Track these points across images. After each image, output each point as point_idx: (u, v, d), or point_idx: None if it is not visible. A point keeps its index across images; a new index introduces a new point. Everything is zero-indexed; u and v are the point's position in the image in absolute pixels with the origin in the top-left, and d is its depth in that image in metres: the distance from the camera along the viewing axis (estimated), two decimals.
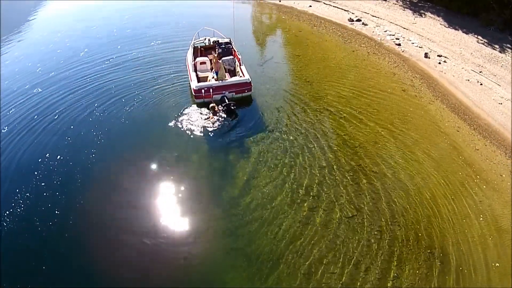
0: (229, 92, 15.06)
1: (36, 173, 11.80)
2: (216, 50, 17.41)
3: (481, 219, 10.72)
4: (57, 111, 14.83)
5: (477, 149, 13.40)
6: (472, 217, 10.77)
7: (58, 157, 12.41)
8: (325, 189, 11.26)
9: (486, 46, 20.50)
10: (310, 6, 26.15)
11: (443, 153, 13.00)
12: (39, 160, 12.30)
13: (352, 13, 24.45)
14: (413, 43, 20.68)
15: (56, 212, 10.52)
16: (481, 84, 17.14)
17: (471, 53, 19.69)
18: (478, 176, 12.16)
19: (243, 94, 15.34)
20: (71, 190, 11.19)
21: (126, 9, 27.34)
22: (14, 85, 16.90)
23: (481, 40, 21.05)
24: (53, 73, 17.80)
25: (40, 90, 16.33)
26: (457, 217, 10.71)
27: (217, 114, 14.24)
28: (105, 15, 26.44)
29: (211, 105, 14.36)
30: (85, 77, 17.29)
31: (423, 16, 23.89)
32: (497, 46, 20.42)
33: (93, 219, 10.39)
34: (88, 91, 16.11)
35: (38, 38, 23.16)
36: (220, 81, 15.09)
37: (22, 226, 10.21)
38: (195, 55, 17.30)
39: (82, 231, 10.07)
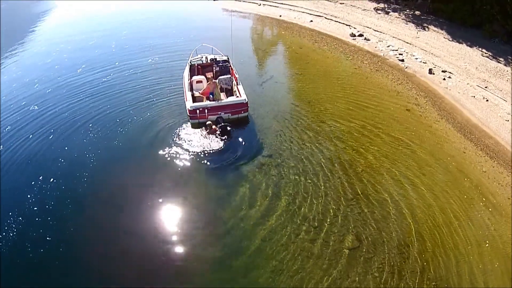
0: (224, 113, 14.76)
1: (29, 196, 11.60)
2: (214, 68, 17.19)
3: (487, 245, 10.33)
4: (52, 130, 14.71)
5: (484, 171, 12.98)
6: (478, 244, 10.34)
7: (51, 179, 12.21)
8: (327, 219, 10.86)
9: (491, 59, 20.19)
10: (311, 21, 25.98)
11: (449, 177, 12.57)
12: (32, 183, 12.09)
13: (354, 28, 24.22)
14: (416, 59, 20.35)
15: (48, 238, 10.30)
16: (487, 100, 16.75)
17: (476, 68, 19.34)
18: (485, 200, 11.74)
19: (239, 115, 15.00)
20: (62, 216, 10.96)
21: (125, 22, 27.64)
22: (11, 101, 16.93)
23: (485, 53, 20.74)
24: (49, 89, 17.78)
25: (36, 107, 16.28)
26: (463, 245, 10.30)
27: (215, 133, 13.94)
28: (105, 27, 26.64)
29: (208, 122, 14.09)
30: (82, 95, 17.20)
31: (426, 29, 23.60)
32: (502, 59, 20.11)
33: (83, 248, 10.13)
34: (83, 110, 15.98)
35: (37, 51, 23.29)
36: (216, 102, 14.77)
37: (13, 250, 10.02)
38: (191, 73, 17.00)
39: (72, 259, 9.83)
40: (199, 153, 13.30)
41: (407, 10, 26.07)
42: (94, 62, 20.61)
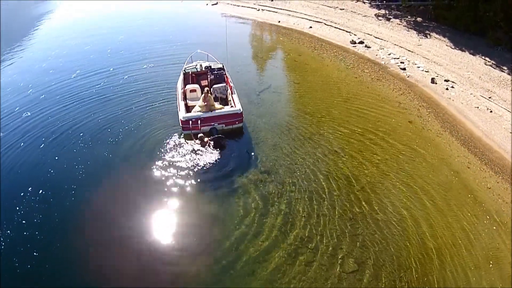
0: (218, 124, 14.19)
1: (17, 208, 11.28)
2: (208, 76, 16.66)
3: (490, 265, 9.84)
4: (43, 138, 14.45)
5: (489, 188, 12.45)
6: (481, 267, 9.84)
7: (40, 191, 11.89)
8: (324, 241, 10.32)
9: (494, 68, 19.70)
10: (311, 27, 25.52)
11: (453, 194, 12.04)
12: (21, 194, 11.78)
13: (355, 35, 23.73)
14: (418, 67, 19.85)
15: (35, 253, 9.96)
16: (491, 112, 16.25)
17: (480, 77, 18.83)
18: (490, 218, 11.23)
19: (234, 126, 14.43)
20: (50, 230, 10.63)
21: (122, 26, 27.46)
22: (4, 105, 16.81)
23: (489, 61, 20.24)
24: (43, 95, 17.58)
25: (29, 113, 16.09)
26: (466, 267, 9.80)
27: (205, 146, 13.46)
28: (101, 31, 26.50)
29: (200, 135, 13.59)
30: (74, 102, 16.96)
31: (428, 36, 23.11)
32: (505, 68, 19.62)
33: (71, 262, 9.82)
34: (75, 118, 15.66)
35: (33, 55, 23.25)
36: (209, 112, 14.21)
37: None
38: (185, 82, 16.46)
39: (59, 275, 9.50)
40: (191, 167, 12.80)
41: (409, 17, 25.58)
42: (88, 68, 20.40)
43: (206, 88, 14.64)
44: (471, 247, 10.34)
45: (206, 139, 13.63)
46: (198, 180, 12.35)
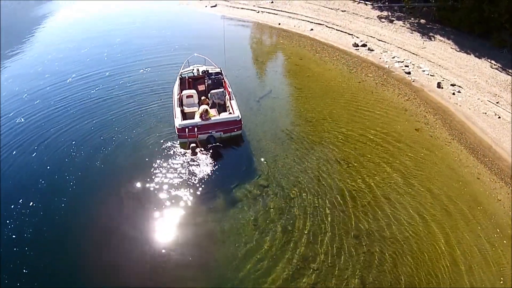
0: (216, 132, 13.56)
1: (8, 222, 10.86)
2: (206, 81, 16.05)
3: (501, 282, 9.39)
4: (35, 146, 14.02)
5: (499, 199, 11.92)
6: (497, 284, 9.38)
7: (31, 203, 11.45)
8: (329, 260, 9.76)
9: (500, 71, 19.19)
10: (312, 29, 24.94)
11: (463, 207, 11.47)
12: (12, 206, 11.35)
13: (357, 37, 23.14)
14: (424, 71, 19.28)
15: (24, 271, 9.57)
16: (499, 117, 15.71)
17: (486, 81, 18.29)
18: (500, 232, 10.69)
19: (232, 134, 13.83)
20: (40, 244, 10.28)
21: (119, 29, 27.06)
22: None
23: (494, 64, 19.74)
24: (38, 100, 17.18)
25: (22, 120, 15.70)
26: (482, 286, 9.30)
27: (201, 156, 12.93)
28: (98, 34, 26.11)
29: (192, 145, 13.03)
30: (68, 108, 16.53)
31: (433, 39, 22.54)
32: (511, 71, 19.03)
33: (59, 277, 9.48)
34: (68, 126, 15.19)
35: (29, 59, 22.89)
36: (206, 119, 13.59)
37: None
38: (182, 87, 15.82)
39: None
40: (187, 179, 12.25)
41: (412, 19, 25.00)
42: (84, 72, 19.97)
43: (204, 107, 13.83)
44: (482, 264, 9.86)
45: (197, 150, 13.08)
46: (194, 193, 11.77)
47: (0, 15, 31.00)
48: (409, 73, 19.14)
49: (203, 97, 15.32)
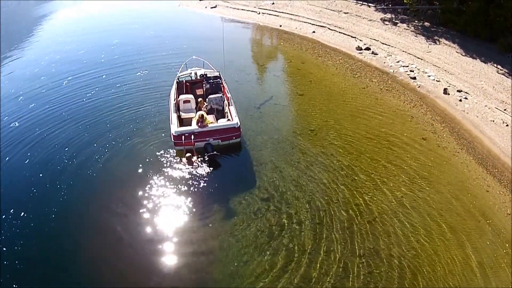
0: (214, 139, 13.05)
1: None
2: (204, 85, 15.51)
3: None
4: (28, 153, 13.66)
5: (509, 213, 11.42)
6: None
7: (22, 214, 11.09)
8: (333, 280, 9.24)
9: (507, 77, 18.75)
10: (314, 32, 24.45)
11: (472, 223, 10.96)
12: (3, 216, 10.98)
13: (360, 40, 22.65)
14: (429, 76, 18.79)
15: (14, 286, 9.17)
16: (507, 125, 15.25)
17: (493, 87, 17.82)
18: (508, 247, 10.23)
19: (230, 141, 13.31)
20: (29, 257, 9.91)
21: (117, 30, 26.88)
22: None
23: (501, 70, 19.27)
24: (33, 104, 16.89)
25: (16, 124, 15.47)
26: None
27: (197, 165, 12.48)
28: (96, 36, 25.93)
29: (187, 154, 12.53)
30: (63, 112, 16.22)
31: (438, 43, 22.05)
32: None
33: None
34: (62, 131, 14.91)
35: (26, 61, 22.77)
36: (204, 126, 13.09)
37: None
38: (179, 91, 15.28)
39: None
40: (184, 190, 11.74)
41: (416, 21, 24.51)
42: (81, 74, 19.75)
43: (200, 112, 13.31)
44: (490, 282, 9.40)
45: (194, 158, 12.60)
46: (191, 208, 11.21)
47: (0, 15, 30.65)
48: (414, 78, 18.64)
49: (200, 99, 14.79)
